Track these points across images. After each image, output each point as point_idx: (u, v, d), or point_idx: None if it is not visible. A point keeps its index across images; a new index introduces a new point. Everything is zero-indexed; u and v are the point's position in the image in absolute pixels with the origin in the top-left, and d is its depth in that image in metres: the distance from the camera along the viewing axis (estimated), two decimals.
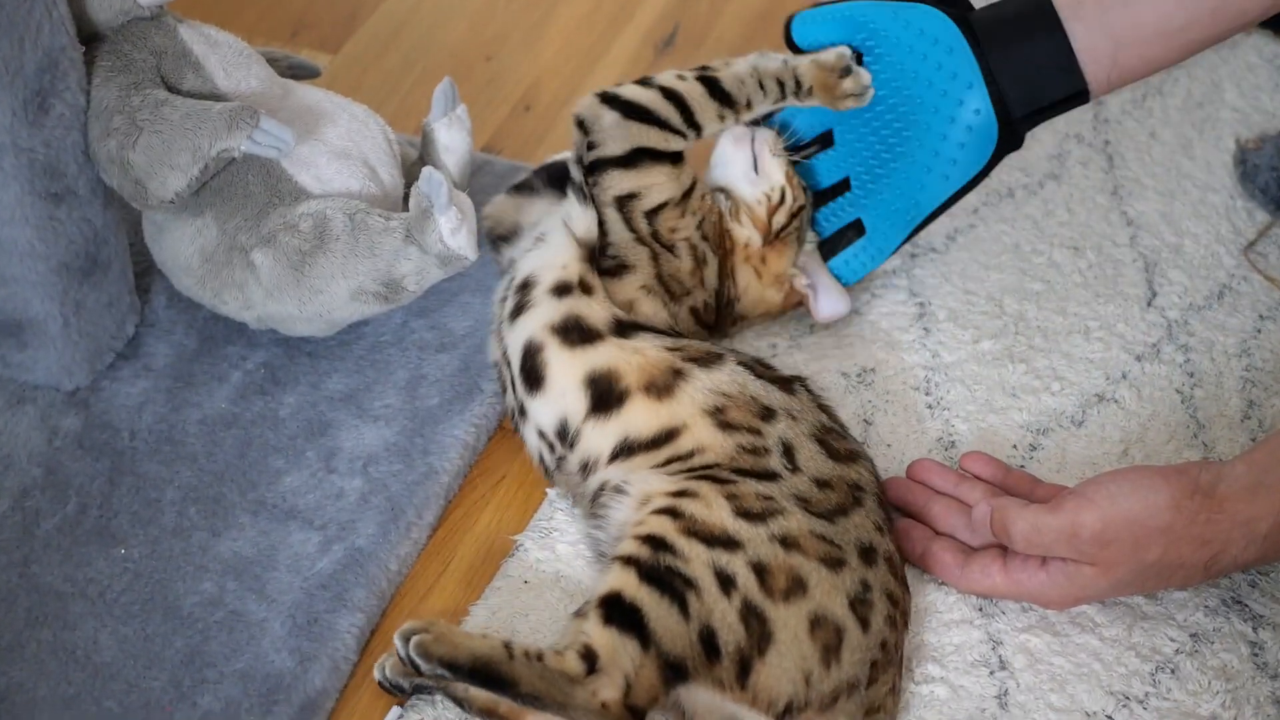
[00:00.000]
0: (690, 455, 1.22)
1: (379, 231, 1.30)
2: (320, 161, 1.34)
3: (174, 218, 1.34)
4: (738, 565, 1.15)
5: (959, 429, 1.38)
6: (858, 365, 1.42)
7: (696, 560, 1.15)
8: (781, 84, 1.35)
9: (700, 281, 1.35)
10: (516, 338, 1.30)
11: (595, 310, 1.28)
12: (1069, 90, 1.33)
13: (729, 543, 1.16)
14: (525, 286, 1.31)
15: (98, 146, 1.29)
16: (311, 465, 1.33)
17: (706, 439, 1.23)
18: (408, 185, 1.41)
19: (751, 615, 1.14)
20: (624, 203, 1.32)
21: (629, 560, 1.16)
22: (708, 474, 1.20)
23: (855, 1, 1.38)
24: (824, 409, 1.28)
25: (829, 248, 1.43)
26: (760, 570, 1.15)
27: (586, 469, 1.26)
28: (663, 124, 1.32)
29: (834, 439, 1.25)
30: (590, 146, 1.32)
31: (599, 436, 1.25)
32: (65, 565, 1.26)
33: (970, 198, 1.56)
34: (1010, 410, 1.39)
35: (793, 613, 1.14)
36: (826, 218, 1.44)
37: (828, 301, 1.40)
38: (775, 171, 1.39)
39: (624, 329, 1.28)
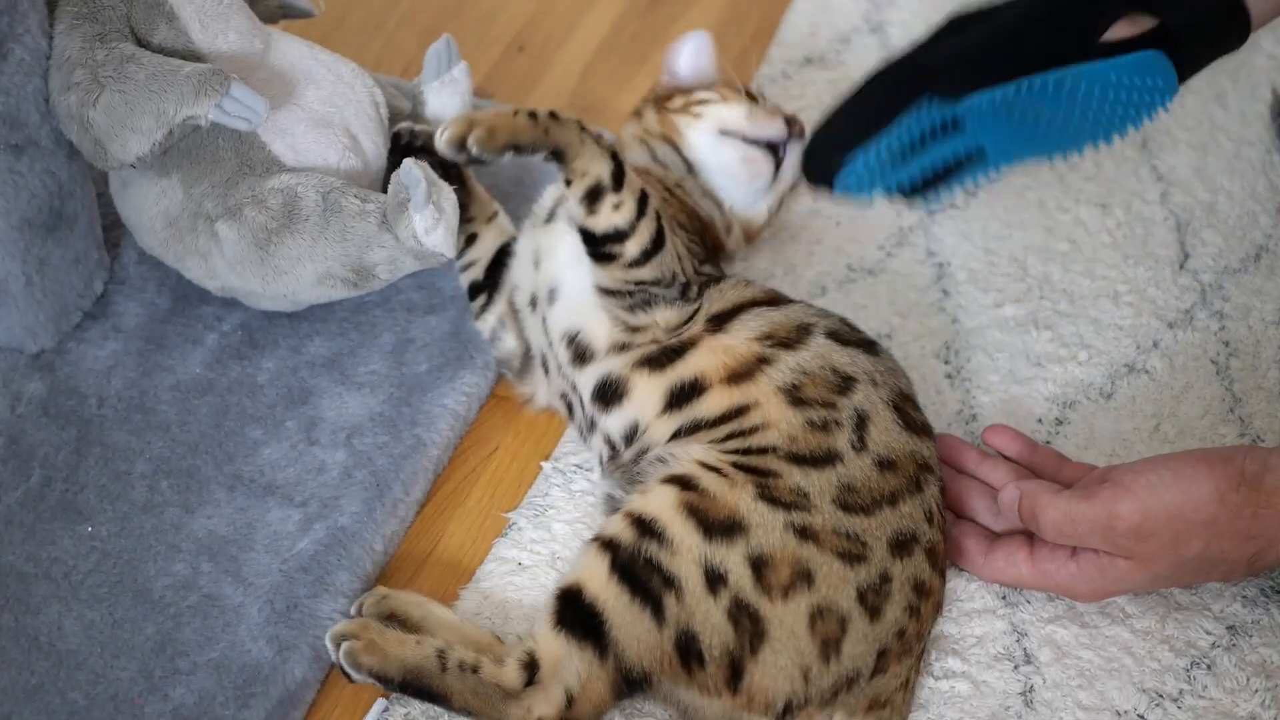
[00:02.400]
0: (753, 431, 1.14)
1: (353, 215, 1.21)
2: (297, 130, 1.25)
3: (140, 175, 1.25)
4: (733, 560, 1.08)
5: (980, 401, 1.30)
6: (872, 330, 1.33)
7: (685, 555, 1.08)
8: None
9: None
10: (587, 377, 1.21)
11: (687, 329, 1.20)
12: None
13: (731, 529, 1.08)
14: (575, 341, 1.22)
15: (58, 99, 1.20)
16: (291, 436, 1.25)
17: (775, 415, 1.14)
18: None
19: (742, 613, 1.07)
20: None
21: (606, 544, 1.09)
22: (755, 462, 1.12)
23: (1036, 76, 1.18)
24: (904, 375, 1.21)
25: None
26: (759, 563, 1.08)
27: (642, 453, 1.18)
28: None
29: (911, 408, 1.18)
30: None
31: (666, 426, 1.17)
32: (28, 543, 1.18)
33: None
34: (1035, 381, 1.31)
35: (791, 608, 1.07)
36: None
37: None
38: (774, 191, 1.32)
39: (720, 320, 1.19)
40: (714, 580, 1.07)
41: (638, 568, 1.08)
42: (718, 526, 1.08)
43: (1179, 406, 1.30)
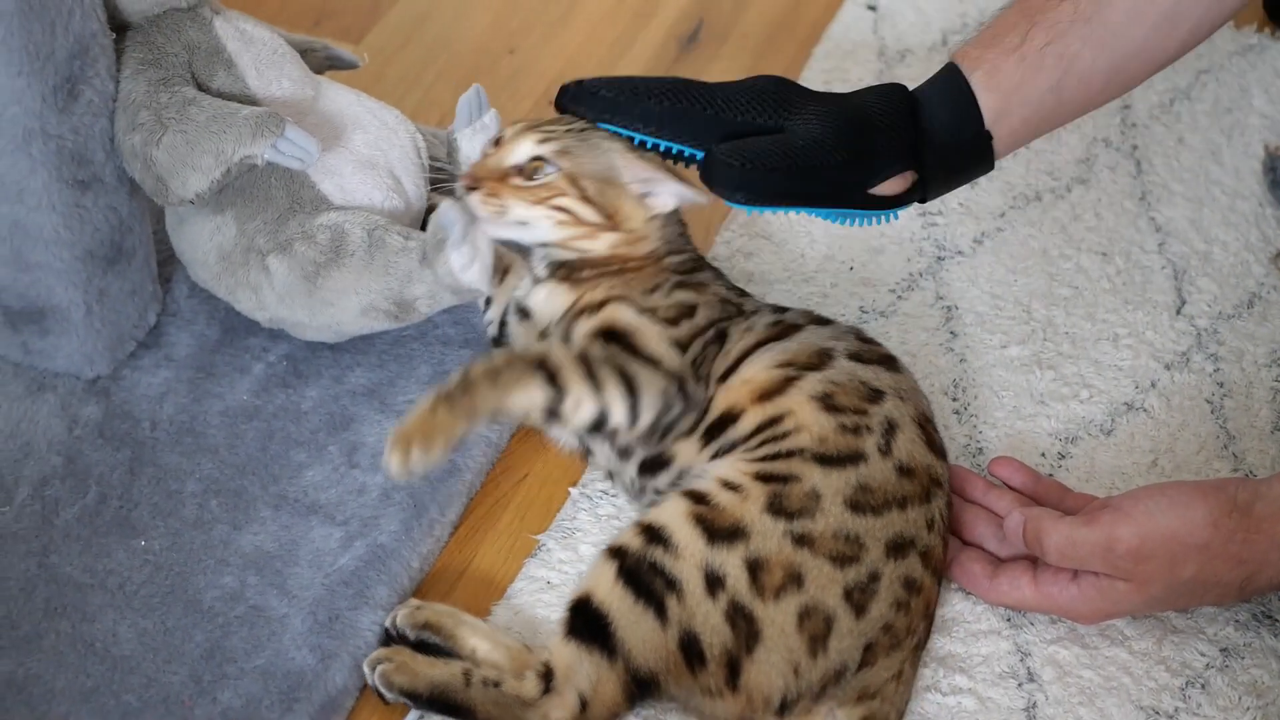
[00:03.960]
0: (784, 436, 1.19)
1: (396, 251, 1.29)
2: (345, 170, 1.33)
3: (196, 211, 1.33)
4: (732, 563, 1.14)
5: (987, 435, 1.37)
6: None
7: (688, 559, 1.14)
8: None
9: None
10: (630, 466, 1.27)
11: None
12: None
13: (734, 534, 1.14)
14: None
15: (123, 139, 1.27)
16: (334, 459, 1.32)
17: (808, 419, 1.20)
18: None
19: (738, 615, 1.13)
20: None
21: (615, 552, 1.15)
22: (779, 468, 1.17)
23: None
24: (923, 396, 1.27)
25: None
26: (755, 566, 1.14)
27: (678, 478, 1.24)
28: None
29: (931, 429, 1.24)
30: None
31: (705, 455, 1.23)
32: (85, 556, 1.25)
33: (996, 200, 1.56)
34: (1038, 417, 1.38)
35: (781, 608, 1.13)
36: None
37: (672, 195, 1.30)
38: (530, 212, 1.27)
39: (726, 375, 1.25)
40: (713, 583, 1.13)
41: (642, 571, 1.14)
42: (721, 533, 1.15)
43: (1175, 443, 1.36)
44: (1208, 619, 1.25)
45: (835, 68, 1.71)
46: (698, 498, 1.17)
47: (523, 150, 1.27)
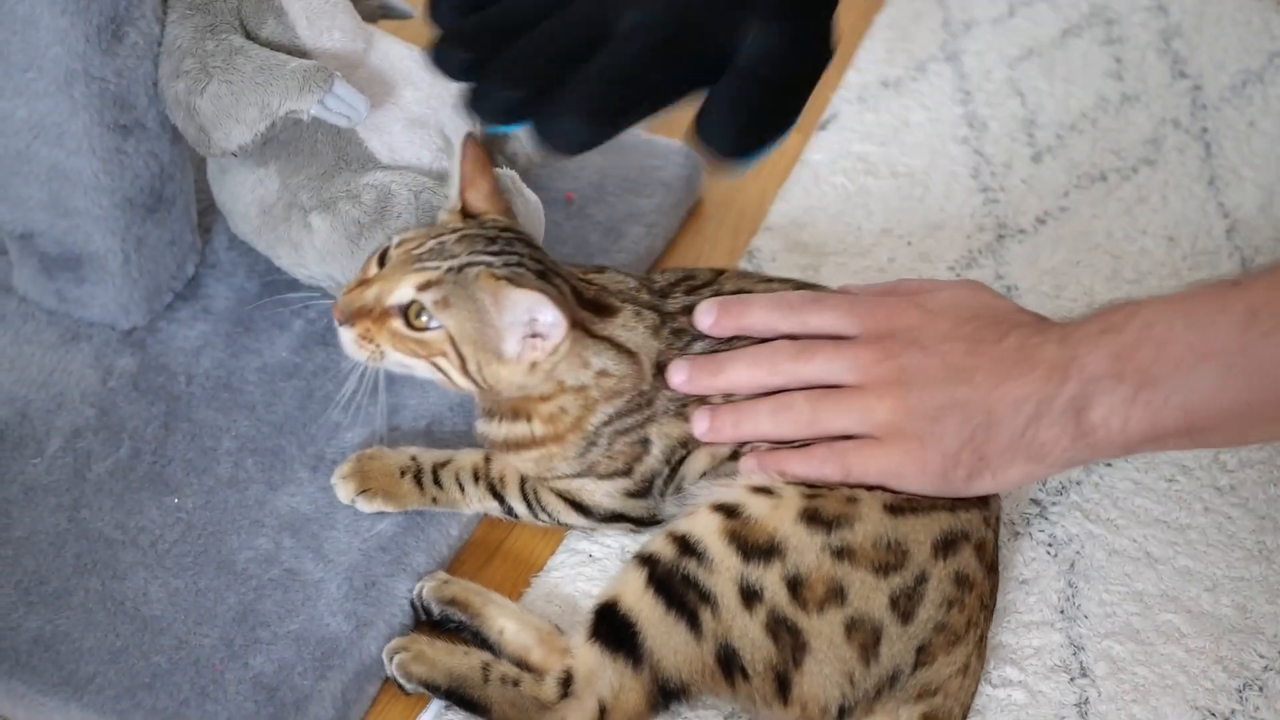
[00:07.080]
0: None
1: (442, 214, 1.25)
2: (394, 128, 1.29)
3: (238, 163, 1.29)
4: (769, 578, 1.10)
5: None
6: None
7: (723, 573, 1.10)
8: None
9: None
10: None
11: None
12: None
13: (770, 552, 1.11)
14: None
15: (166, 85, 1.24)
16: (373, 422, 1.28)
17: None
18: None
19: (781, 627, 1.10)
20: None
21: (646, 559, 1.12)
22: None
23: None
24: None
25: None
26: (794, 582, 1.10)
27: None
28: None
29: None
30: None
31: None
32: (116, 512, 1.22)
33: (1060, 178, 1.51)
34: None
35: (827, 620, 1.10)
36: None
37: None
38: (409, 360, 1.17)
39: None
40: (749, 596, 1.10)
41: (675, 582, 1.11)
42: (757, 550, 1.11)
43: None
44: (1267, 619, 1.21)
45: (897, 35, 1.66)
46: (729, 511, 1.13)
47: (403, 292, 1.14)
